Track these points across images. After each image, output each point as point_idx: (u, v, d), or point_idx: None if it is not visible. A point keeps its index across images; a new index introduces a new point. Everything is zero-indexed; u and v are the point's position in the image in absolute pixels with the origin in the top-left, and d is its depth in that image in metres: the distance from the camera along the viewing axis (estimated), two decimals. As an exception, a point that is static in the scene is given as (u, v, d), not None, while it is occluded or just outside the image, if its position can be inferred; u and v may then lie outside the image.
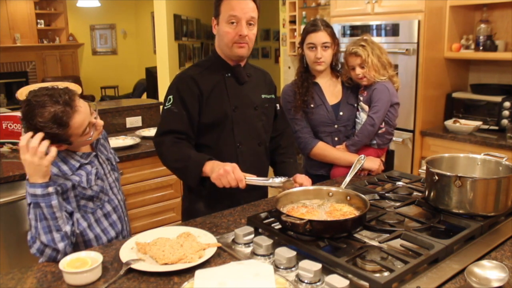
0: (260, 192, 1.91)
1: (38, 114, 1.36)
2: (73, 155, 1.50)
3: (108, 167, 1.64)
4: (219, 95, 1.80)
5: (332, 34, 2.13)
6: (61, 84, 1.50)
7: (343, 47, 2.35)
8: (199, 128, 1.79)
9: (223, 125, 1.80)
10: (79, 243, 1.50)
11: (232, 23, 1.72)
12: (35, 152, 1.33)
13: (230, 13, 1.71)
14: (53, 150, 1.37)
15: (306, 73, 2.21)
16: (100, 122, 1.53)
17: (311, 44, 2.12)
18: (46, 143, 1.35)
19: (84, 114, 1.45)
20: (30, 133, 1.36)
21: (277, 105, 2.02)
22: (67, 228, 1.39)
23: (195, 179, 1.67)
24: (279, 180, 1.58)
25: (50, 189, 1.36)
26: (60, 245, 1.36)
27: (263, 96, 1.91)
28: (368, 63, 2.12)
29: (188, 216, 1.78)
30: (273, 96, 1.98)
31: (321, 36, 2.10)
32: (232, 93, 1.82)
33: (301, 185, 1.73)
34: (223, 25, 1.74)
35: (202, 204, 1.84)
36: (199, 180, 1.68)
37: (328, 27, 2.13)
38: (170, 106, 1.77)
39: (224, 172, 1.56)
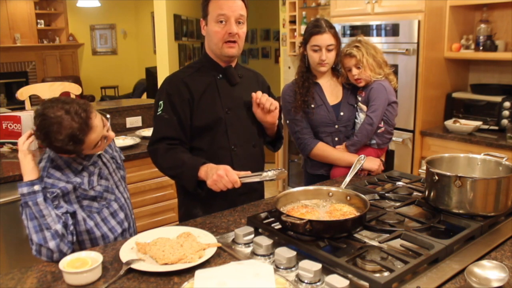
0: (257, 194, 1.90)
1: (55, 131, 1.36)
2: (76, 157, 1.50)
3: (112, 166, 1.63)
4: (210, 97, 1.78)
5: (335, 35, 2.12)
6: (61, 84, 1.51)
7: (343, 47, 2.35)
8: (192, 132, 1.77)
9: (217, 128, 1.78)
10: (85, 240, 1.50)
11: (221, 22, 1.71)
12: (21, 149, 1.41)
13: (219, 12, 1.70)
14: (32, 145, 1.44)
15: (307, 73, 2.21)
16: (112, 135, 1.54)
17: (316, 47, 2.10)
18: (28, 141, 1.42)
19: (99, 131, 1.45)
20: (28, 133, 1.41)
21: None
22: (58, 227, 1.38)
23: (192, 184, 1.67)
24: (272, 173, 1.58)
25: (36, 187, 1.37)
26: (51, 244, 1.36)
27: None
28: (363, 63, 2.12)
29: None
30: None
31: (326, 39, 2.09)
32: (224, 95, 1.80)
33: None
34: (212, 24, 1.73)
35: (200, 210, 1.82)
36: (196, 185, 1.67)
37: (332, 28, 2.12)
38: (161, 112, 1.75)
39: (217, 178, 1.56)
